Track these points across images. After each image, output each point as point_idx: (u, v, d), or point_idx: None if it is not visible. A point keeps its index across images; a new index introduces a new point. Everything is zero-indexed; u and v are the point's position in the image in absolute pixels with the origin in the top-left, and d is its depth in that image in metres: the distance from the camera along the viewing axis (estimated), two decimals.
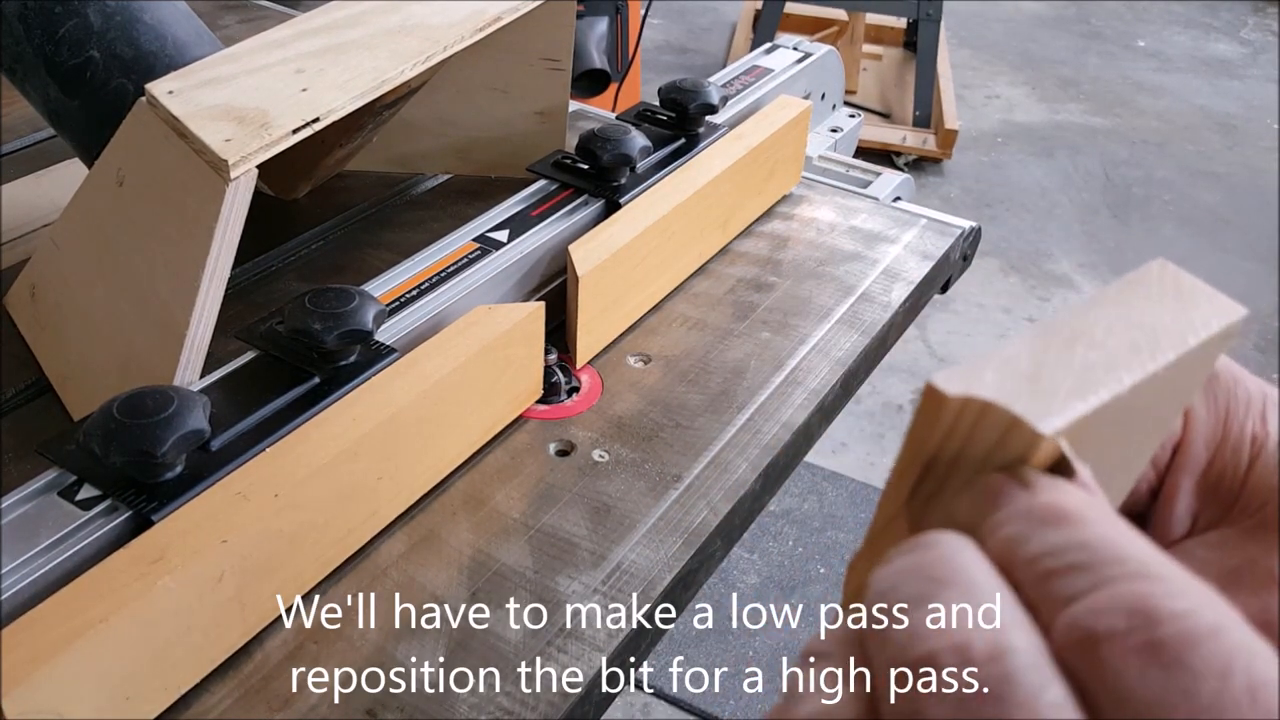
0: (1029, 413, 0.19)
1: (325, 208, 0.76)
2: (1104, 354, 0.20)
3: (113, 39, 0.58)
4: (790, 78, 0.86)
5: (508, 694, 0.43)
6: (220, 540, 0.41)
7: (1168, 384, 0.21)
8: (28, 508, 0.43)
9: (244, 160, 0.47)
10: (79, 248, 0.57)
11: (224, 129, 0.48)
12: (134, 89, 0.58)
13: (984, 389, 0.19)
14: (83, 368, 0.57)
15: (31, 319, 0.61)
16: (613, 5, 1.62)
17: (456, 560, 0.49)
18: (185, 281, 0.49)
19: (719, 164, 0.69)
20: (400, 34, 0.57)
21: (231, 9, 1.07)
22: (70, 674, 0.37)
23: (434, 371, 0.50)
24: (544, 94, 0.76)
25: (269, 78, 0.52)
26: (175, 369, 0.50)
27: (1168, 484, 0.27)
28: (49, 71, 0.58)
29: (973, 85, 3.21)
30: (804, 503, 1.72)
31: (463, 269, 0.60)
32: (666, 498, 0.53)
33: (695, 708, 1.38)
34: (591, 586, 0.48)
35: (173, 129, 0.49)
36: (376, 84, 0.53)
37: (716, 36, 3.40)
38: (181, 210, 0.50)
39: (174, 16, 0.60)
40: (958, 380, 0.19)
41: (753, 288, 0.69)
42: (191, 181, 0.48)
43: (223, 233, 0.48)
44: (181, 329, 0.49)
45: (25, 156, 0.80)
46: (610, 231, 0.62)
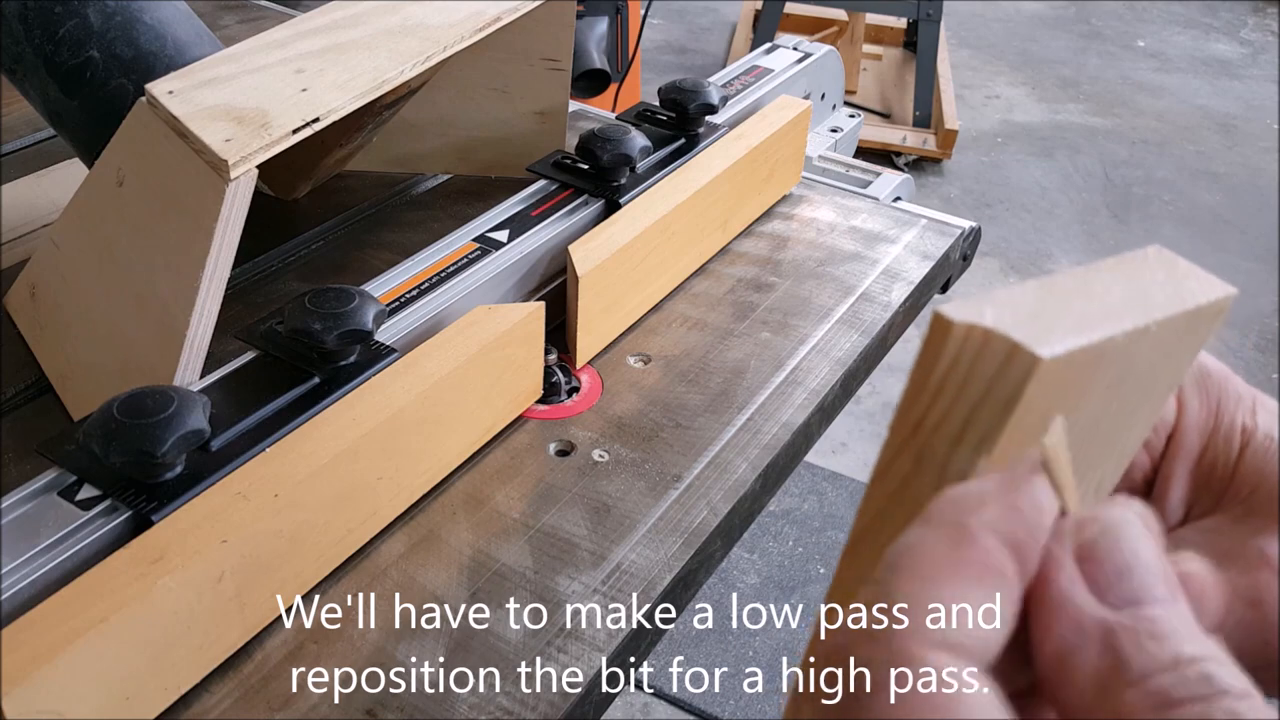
0: (1028, 340, 0.20)
1: (325, 208, 0.76)
2: (1101, 306, 0.21)
3: (113, 39, 0.58)
4: (790, 78, 0.86)
5: (508, 694, 0.43)
6: (220, 540, 0.41)
7: (1161, 350, 0.22)
8: (28, 508, 0.43)
9: (244, 160, 0.47)
10: (79, 248, 0.57)
11: (224, 129, 0.48)
12: (134, 89, 0.58)
13: (986, 319, 0.20)
14: (83, 368, 0.57)
15: (32, 319, 0.61)
16: (613, 5, 1.62)
17: (456, 560, 0.49)
18: (185, 281, 0.49)
19: (719, 164, 0.69)
20: (400, 34, 0.57)
21: (231, 9, 1.07)
22: (70, 674, 0.37)
23: (434, 371, 0.50)
24: (544, 94, 0.76)
25: (269, 78, 0.52)
26: (175, 369, 0.50)
27: (1163, 471, 0.29)
28: (49, 71, 0.58)
29: (972, 85, 3.21)
30: (804, 503, 1.72)
31: (463, 269, 0.60)
32: (666, 498, 0.53)
33: (695, 708, 1.38)
34: (591, 586, 0.48)
35: (173, 129, 0.49)
36: (376, 84, 0.53)
37: (716, 36, 3.40)
38: (181, 210, 0.50)
39: (174, 16, 0.60)
40: (962, 311, 0.21)
41: (753, 288, 0.69)
42: (191, 181, 0.49)
43: (223, 233, 0.48)
44: (181, 329, 0.49)
45: (25, 156, 0.80)
46: (610, 231, 0.62)
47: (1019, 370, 0.20)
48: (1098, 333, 0.21)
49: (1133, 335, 0.21)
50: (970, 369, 0.21)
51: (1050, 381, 0.20)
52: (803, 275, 0.71)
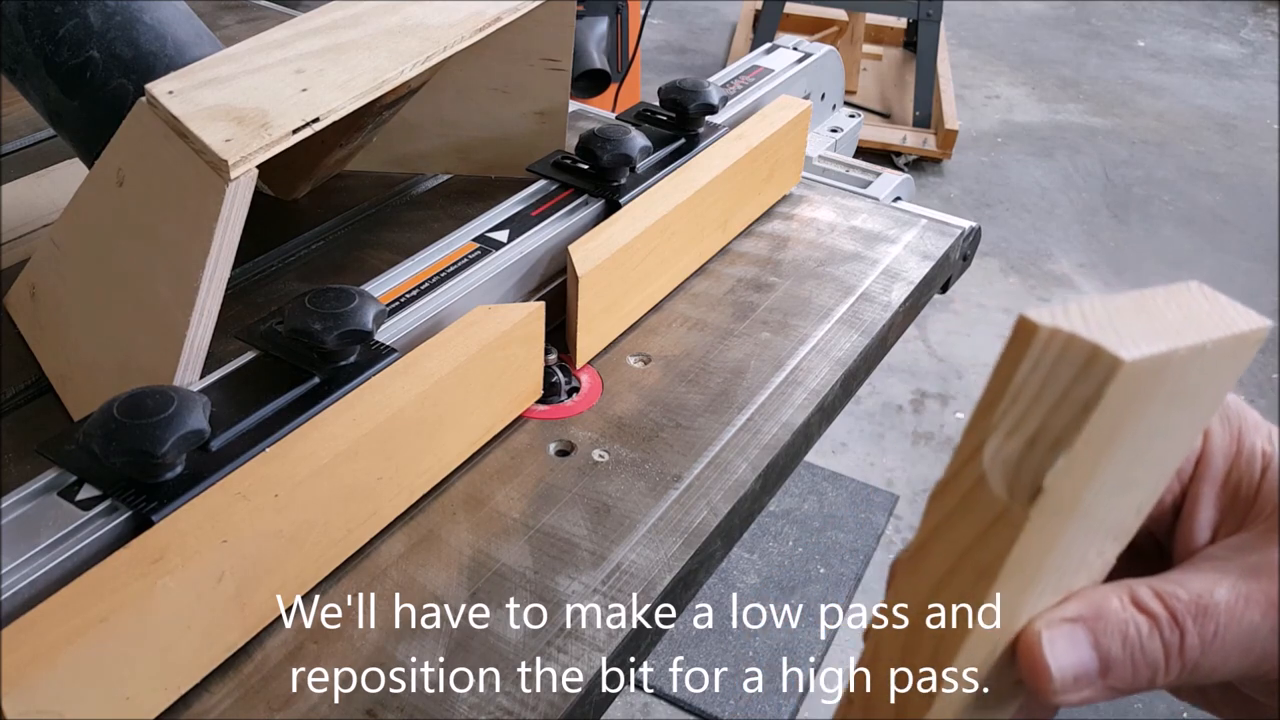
0: (1110, 344, 0.22)
1: (325, 208, 0.76)
2: (1162, 323, 0.23)
3: (113, 39, 0.58)
4: (790, 78, 0.86)
5: (508, 694, 0.43)
6: (220, 540, 0.41)
7: (1210, 371, 0.24)
8: (28, 508, 0.43)
9: (244, 160, 0.47)
10: (79, 248, 0.57)
11: (224, 129, 0.48)
12: (134, 89, 0.58)
13: (1069, 324, 0.22)
14: (83, 367, 0.57)
15: (32, 319, 0.61)
16: (613, 5, 1.62)
17: (456, 560, 0.49)
18: (185, 281, 0.49)
19: (719, 164, 0.69)
20: (400, 34, 0.57)
21: (231, 9, 1.07)
22: (70, 674, 0.37)
23: (434, 371, 0.50)
24: (544, 94, 0.76)
25: (269, 78, 0.52)
26: (175, 369, 0.50)
27: (1191, 493, 0.31)
28: (49, 72, 0.58)
29: (972, 85, 3.21)
30: (804, 503, 1.72)
31: (463, 269, 0.60)
32: (666, 498, 0.53)
33: (695, 708, 1.38)
34: (591, 586, 0.48)
35: (173, 129, 0.49)
36: (376, 84, 0.53)
37: (716, 37, 3.40)
38: (181, 210, 0.50)
39: (174, 17, 0.60)
40: (1045, 315, 0.22)
41: (753, 288, 0.69)
42: (192, 181, 0.48)
43: (223, 233, 0.48)
44: (181, 329, 0.49)
45: (25, 156, 0.80)
46: (610, 231, 0.62)
47: (1101, 371, 0.22)
48: (1165, 344, 0.22)
49: (1193, 351, 0.23)
50: (1051, 370, 0.22)
51: (1127, 385, 0.22)
52: (803, 275, 0.71)
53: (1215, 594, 0.27)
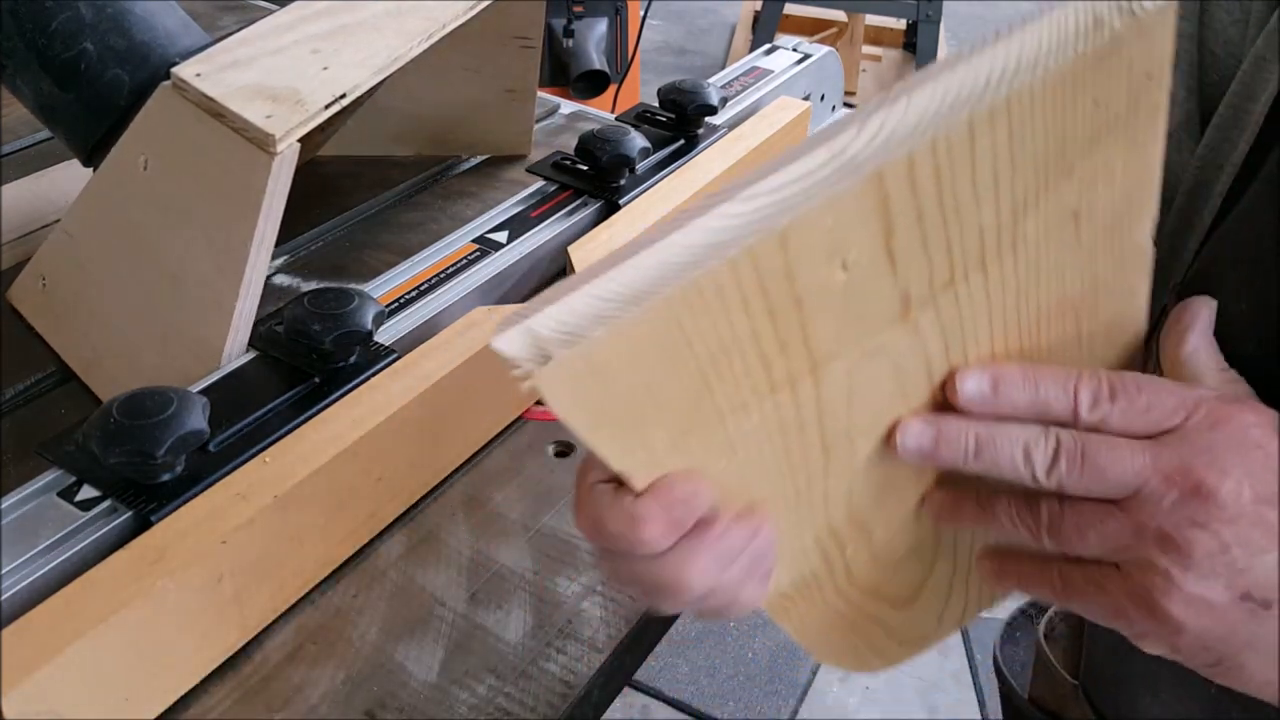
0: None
1: (325, 208, 0.76)
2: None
3: (105, 31, 0.58)
4: (790, 79, 0.86)
5: (508, 694, 0.43)
6: (219, 541, 0.41)
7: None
8: (28, 508, 0.43)
9: (288, 134, 0.49)
10: (99, 235, 0.57)
11: (262, 107, 0.50)
12: (129, 79, 0.58)
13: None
14: (112, 350, 0.57)
15: (44, 309, 0.61)
16: (612, 6, 1.62)
17: (456, 561, 0.49)
18: (231, 257, 0.50)
19: (718, 165, 0.69)
20: (400, 14, 0.57)
21: (230, 10, 1.07)
22: (70, 674, 0.37)
23: (433, 373, 0.50)
24: (514, 71, 0.76)
25: (289, 59, 0.53)
26: (225, 339, 0.51)
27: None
28: (43, 66, 0.58)
29: None
30: None
31: (462, 270, 0.60)
32: None
33: (695, 708, 1.38)
34: (591, 587, 0.48)
35: (206, 110, 0.50)
36: (391, 60, 0.54)
37: (716, 37, 3.40)
38: (220, 189, 0.51)
39: (161, 7, 0.61)
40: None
41: None
42: (230, 159, 0.50)
43: (269, 206, 0.50)
44: (230, 303, 0.50)
45: (25, 156, 0.80)
46: (610, 232, 0.62)
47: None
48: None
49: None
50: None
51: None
52: None
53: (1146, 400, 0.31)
